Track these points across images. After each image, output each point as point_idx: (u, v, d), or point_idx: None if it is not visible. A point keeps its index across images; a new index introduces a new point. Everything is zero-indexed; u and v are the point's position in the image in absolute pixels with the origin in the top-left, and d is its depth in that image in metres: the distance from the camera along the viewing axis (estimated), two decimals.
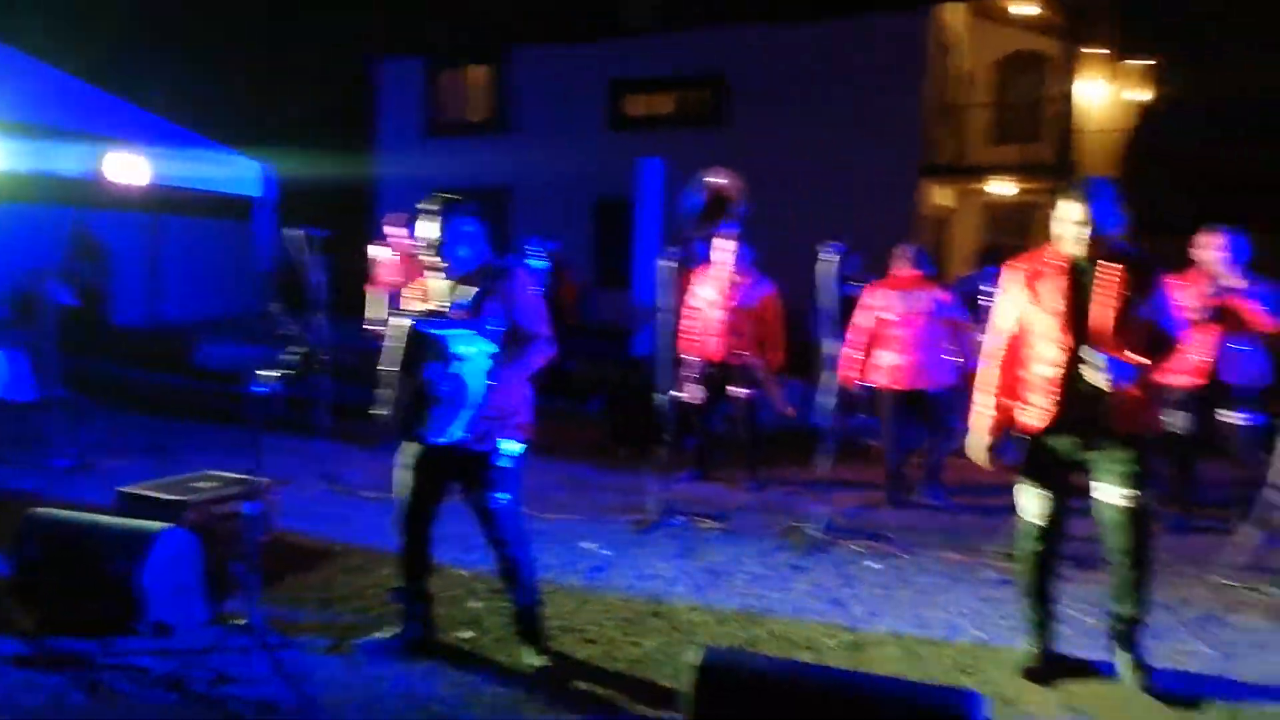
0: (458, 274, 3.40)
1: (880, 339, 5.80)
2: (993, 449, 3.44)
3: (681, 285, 6.17)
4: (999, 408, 3.40)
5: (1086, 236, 3.17)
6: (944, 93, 17.46)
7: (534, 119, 18.62)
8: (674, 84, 18.04)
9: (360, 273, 7.53)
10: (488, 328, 3.27)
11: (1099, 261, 3.17)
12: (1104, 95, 19.83)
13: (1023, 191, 18.13)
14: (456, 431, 3.25)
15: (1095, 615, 3.78)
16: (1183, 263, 5.04)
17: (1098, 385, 3.11)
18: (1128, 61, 20.14)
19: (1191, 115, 21.50)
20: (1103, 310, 3.15)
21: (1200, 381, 4.92)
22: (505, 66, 19.17)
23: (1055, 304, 3.22)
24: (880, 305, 5.82)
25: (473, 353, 3.21)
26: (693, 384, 6.08)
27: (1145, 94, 20.79)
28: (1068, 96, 17.18)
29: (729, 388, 6.14)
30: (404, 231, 7.05)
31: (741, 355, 6.11)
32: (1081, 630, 3.68)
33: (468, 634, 3.70)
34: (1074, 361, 3.16)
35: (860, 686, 2.52)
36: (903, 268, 5.93)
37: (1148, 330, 3.16)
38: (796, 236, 6.90)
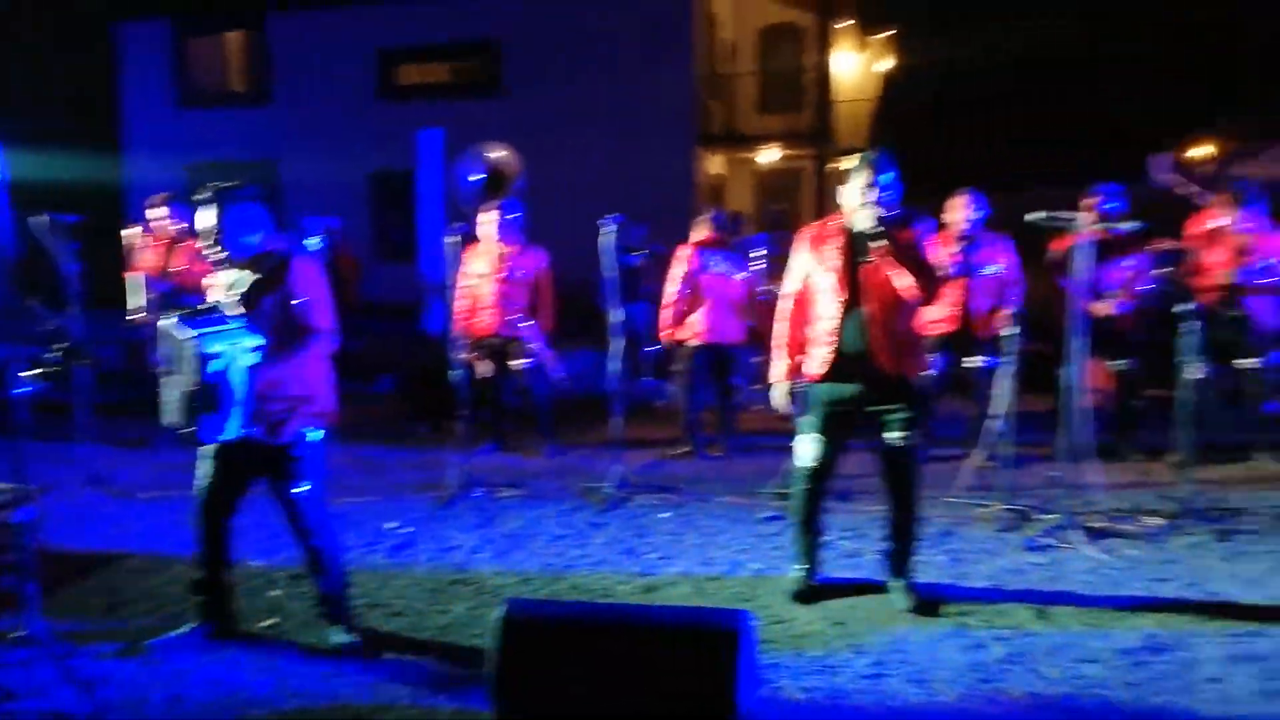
0: (239, 262, 3.34)
1: (686, 299, 6.16)
2: (790, 397, 3.81)
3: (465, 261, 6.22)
4: (792, 360, 3.76)
5: (867, 204, 3.54)
6: (713, 63, 18.22)
7: (299, 88, 17.70)
8: (447, 52, 17.70)
9: (115, 258, 7.02)
10: (257, 322, 3.23)
11: (877, 226, 3.55)
12: (854, 66, 21.34)
13: (787, 158, 19.30)
14: (233, 429, 3.21)
15: (852, 541, 4.30)
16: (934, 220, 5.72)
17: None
18: (873, 33, 21.78)
19: (926, 82, 23.61)
20: (875, 269, 3.54)
21: (951, 328, 5.60)
22: (263, 32, 18.11)
23: (834, 264, 3.60)
24: (685, 268, 6.16)
25: (235, 350, 3.16)
26: (481, 359, 6.17)
27: (888, 63, 22.56)
28: (823, 67, 18.37)
29: (510, 360, 6.28)
30: (164, 212, 6.65)
31: (517, 326, 6.24)
32: (841, 554, 4.16)
33: (270, 621, 3.67)
34: (852, 315, 3.55)
35: (648, 617, 2.80)
36: (704, 231, 6.30)
37: (921, 278, 3.57)
38: (577, 206, 7.08)
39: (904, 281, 3.51)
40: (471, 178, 6.21)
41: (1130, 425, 5.93)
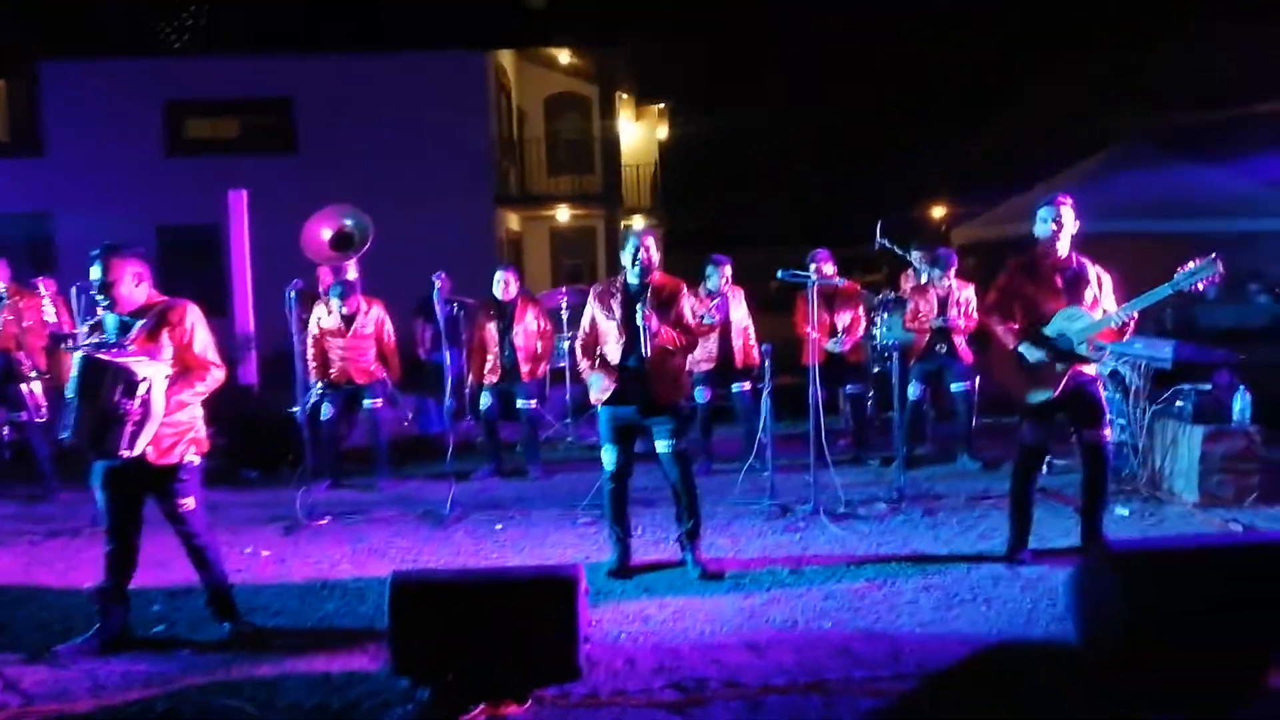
0: (126, 310, 3.90)
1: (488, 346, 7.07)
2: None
3: (302, 312, 6.80)
4: (598, 386, 4.72)
5: (636, 266, 4.60)
6: (506, 127, 19.32)
7: (77, 139, 17.08)
8: (239, 108, 17.70)
9: None
10: (162, 355, 3.84)
11: (646, 282, 4.61)
12: (634, 133, 23.14)
13: (578, 217, 20.67)
14: (142, 447, 3.78)
15: (654, 533, 5.31)
16: (698, 276, 6.96)
17: (642, 366, 4.55)
18: (648, 105, 23.73)
19: (696, 152, 25.91)
20: (648, 315, 4.58)
21: (712, 365, 6.84)
22: (34, 80, 17.37)
23: (616, 313, 4.62)
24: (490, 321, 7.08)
25: (154, 377, 3.76)
26: (327, 402, 6.77)
27: (663, 133, 24.59)
28: (609, 134, 19.90)
29: (361, 401, 6.93)
30: None
31: (370, 372, 6.91)
32: (648, 543, 5.15)
33: (159, 628, 4.18)
34: (627, 354, 4.57)
35: (505, 574, 3.67)
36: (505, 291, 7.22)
37: (677, 328, 4.66)
38: (378, 262, 7.61)
39: (664, 327, 4.59)
40: (324, 234, 6.82)
41: (865, 436, 7.39)
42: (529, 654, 3.37)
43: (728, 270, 6.99)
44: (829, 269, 6.99)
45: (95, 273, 3.85)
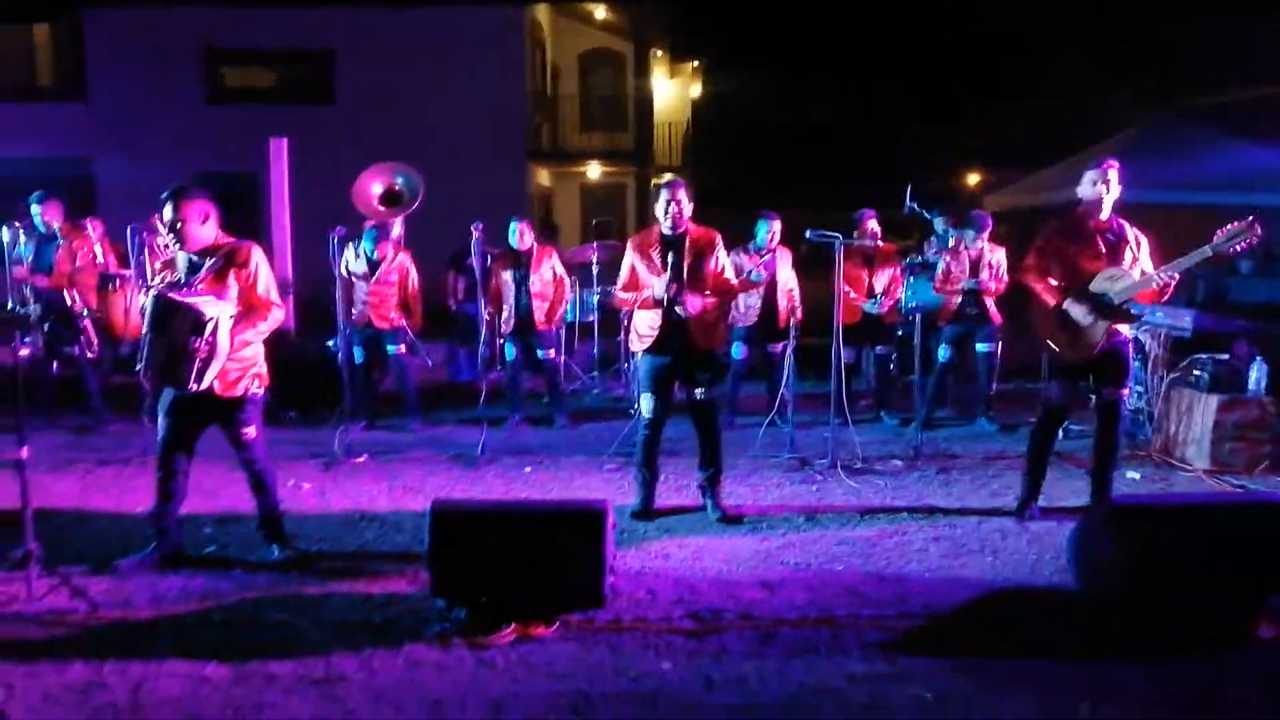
0: (195, 249, 4.14)
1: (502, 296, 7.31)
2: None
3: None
4: (639, 335, 4.91)
5: (669, 219, 4.76)
6: (540, 83, 19.36)
7: (117, 85, 17.36)
8: (279, 58, 17.90)
9: None
10: (228, 295, 4.08)
11: (683, 233, 4.78)
12: (668, 91, 23.09)
13: (609, 174, 20.75)
14: (209, 381, 4.03)
15: (678, 479, 5.52)
16: (741, 231, 7.08)
17: (684, 316, 4.73)
18: (683, 63, 23.65)
19: (729, 111, 25.80)
20: (689, 266, 4.76)
21: (753, 322, 6.99)
22: (76, 25, 17.61)
23: (656, 262, 4.79)
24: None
25: (220, 316, 4.01)
26: (359, 345, 7.02)
27: (696, 91, 24.52)
28: (642, 91, 19.92)
29: (387, 347, 7.17)
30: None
31: (390, 319, 7.13)
32: (671, 488, 5.37)
33: (211, 548, 4.47)
34: (670, 301, 4.75)
35: (539, 505, 3.90)
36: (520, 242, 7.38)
37: (717, 278, 4.83)
38: (413, 214, 7.80)
39: (697, 296, 4.76)
40: (375, 189, 7.00)
41: (887, 396, 7.55)
42: (557, 581, 3.60)
43: (777, 226, 7.03)
44: (873, 226, 7.12)
45: (166, 212, 4.08)
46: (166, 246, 4.21)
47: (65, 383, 7.78)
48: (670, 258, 4.79)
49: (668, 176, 22.25)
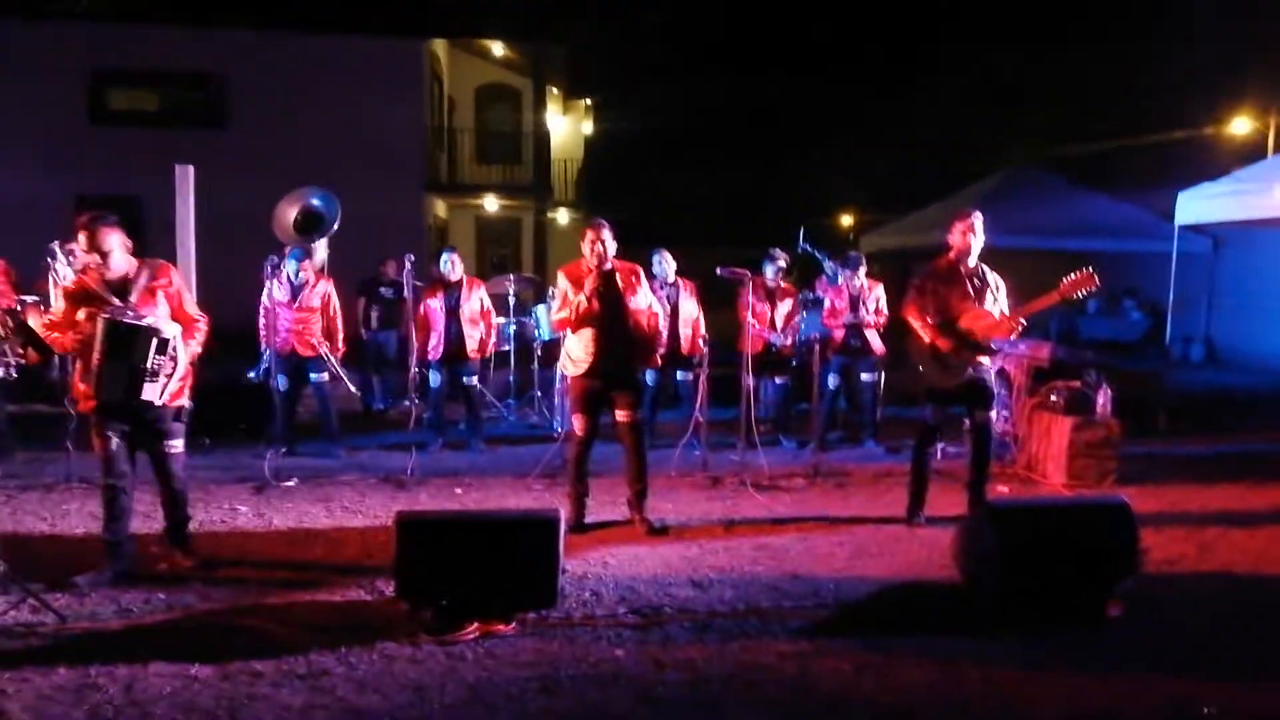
0: (118, 276, 4.32)
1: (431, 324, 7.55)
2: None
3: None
4: (571, 360, 5.31)
5: (600, 253, 5.21)
6: (437, 115, 19.58)
7: None
8: (169, 80, 17.55)
9: None
10: (161, 315, 4.30)
11: (610, 269, 5.24)
12: (564, 127, 23.64)
13: (506, 208, 21.06)
14: (169, 394, 4.25)
15: (595, 497, 5.94)
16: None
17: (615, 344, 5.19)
18: (576, 100, 24.28)
19: (621, 149, 26.60)
20: (616, 296, 5.22)
21: (660, 351, 7.49)
22: None
23: (589, 292, 5.23)
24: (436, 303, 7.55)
25: (176, 332, 4.23)
26: (280, 373, 7.16)
27: (589, 128, 25.18)
28: (539, 126, 20.38)
29: (309, 374, 7.33)
30: None
31: (314, 346, 7.30)
32: (601, 504, 5.78)
33: (162, 566, 4.62)
34: (602, 329, 5.19)
35: (494, 515, 4.26)
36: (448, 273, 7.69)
37: (640, 311, 5.31)
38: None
39: (637, 302, 5.26)
40: (290, 216, 7.18)
41: (785, 422, 8.18)
42: (515, 583, 3.97)
43: (671, 260, 7.64)
44: (779, 264, 7.84)
45: (88, 241, 4.22)
46: (83, 271, 4.36)
47: None
48: (599, 281, 5.24)
49: (562, 216, 22.81)
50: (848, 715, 3.21)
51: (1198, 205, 9.51)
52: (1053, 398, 6.96)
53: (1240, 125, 17.54)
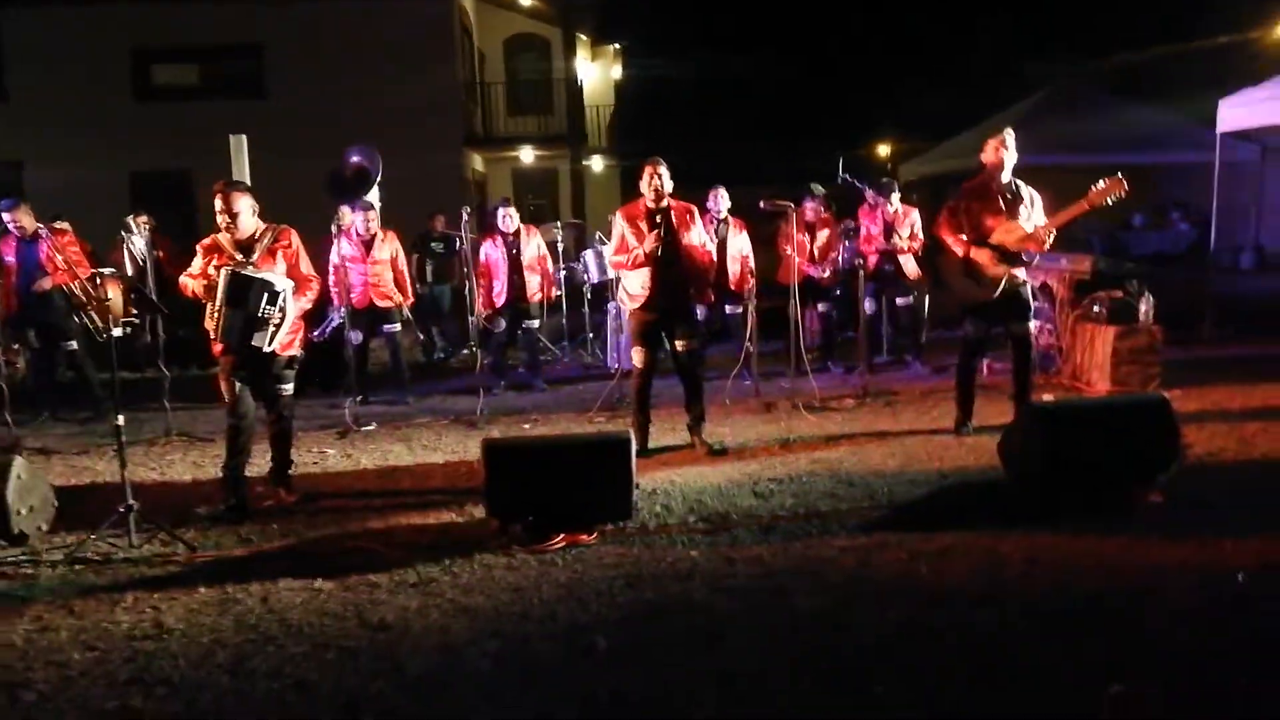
0: (244, 235, 4.73)
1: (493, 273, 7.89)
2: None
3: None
4: (629, 295, 5.62)
5: (657, 189, 5.47)
6: (469, 70, 19.75)
7: (42, 85, 17.18)
8: (207, 53, 17.92)
9: None
10: (278, 272, 4.70)
11: (666, 206, 5.51)
12: (594, 74, 23.63)
13: (542, 158, 21.25)
14: (279, 343, 4.66)
15: (656, 425, 6.28)
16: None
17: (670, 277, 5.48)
18: (604, 45, 24.21)
19: (651, 93, 26.54)
20: (672, 234, 5.50)
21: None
22: None
23: (644, 231, 5.51)
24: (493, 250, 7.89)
25: (288, 287, 4.63)
26: (354, 328, 7.56)
27: (618, 73, 25.13)
28: (570, 74, 20.45)
29: (382, 326, 7.73)
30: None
31: (390, 296, 7.68)
32: (663, 429, 6.13)
33: (269, 503, 5.06)
34: (658, 266, 5.47)
35: (577, 437, 4.64)
36: (506, 224, 8.01)
37: (696, 247, 5.59)
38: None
39: (692, 239, 5.53)
40: (338, 175, 7.53)
41: (830, 347, 8.45)
42: (593, 498, 4.34)
43: (726, 198, 7.91)
44: (820, 197, 8.07)
45: (222, 203, 4.66)
46: (222, 229, 4.77)
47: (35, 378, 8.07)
48: (658, 223, 5.51)
49: (596, 163, 22.93)
50: (904, 596, 3.53)
51: (1240, 112, 9.45)
52: (1095, 308, 7.12)
53: None
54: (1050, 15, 25.01)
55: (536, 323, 8.19)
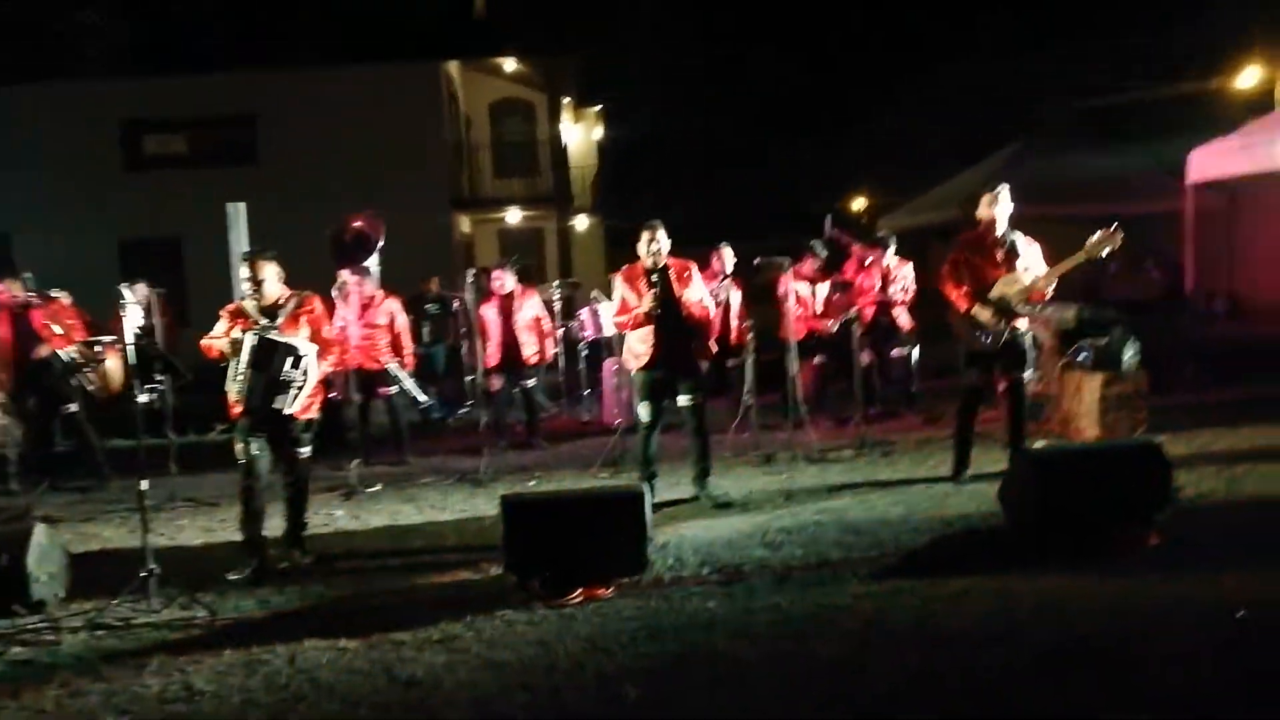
0: (270, 300, 4.87)
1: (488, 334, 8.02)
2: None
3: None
4: (634, 354, 5.77)
5: (655, 252, 5.66)
6: (455, 133, 20.14)
7: (30, 158, 17.36)
8: (200, 124, 18.21)
9: None
10: (302, 337, 4.82)
11: (665, 266, 5.69)
12: (575, 135, 24.12)
13: (528, 218, 21.59)
14: (295, 406, 4.76)
15: (669, 472, 6.38)
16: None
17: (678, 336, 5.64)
18: (586, 108, 24.76)
19: (632, 151, 27.08)
20: (671, 293, 5.67)
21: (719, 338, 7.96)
22: None
23: (643, 290, 5.67)
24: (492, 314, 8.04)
25: (311, 351, 4.75)
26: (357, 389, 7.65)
27: (599, 133, 25.66)
28: (555, 137, 20.90)
29: (377, 388, 7.82)
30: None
31: (379, 361, 7.79)
32: (668, 483, 6.23)
33: (283, 564, 5.11)
34: (660, 324, 5.63)
35: (586, 492, 4.75)
36: (501, 286, 8.17)
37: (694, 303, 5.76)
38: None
39: (690, 296, 5.71)
40: (343, 238, 7.69)
41: (823, 400, 8.61)
42: (608, 552, 4.43)
43: (729, 255, 8.09)
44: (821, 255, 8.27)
45: (244, 271, 4.80)
46: (246, 296, 4.91)
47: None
48: (655, 282, 5.69)
49: (581, 222, 23.31)
50: (921, 640, 3.63)
51: (1209, 161, 9.84)
52: (1081, 356, 7.34)
53: (1248, 78, 17.70)
54: (1019, 63, 25.76)
55: (533, 382, 8.31)
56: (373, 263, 8.15)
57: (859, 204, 32.37)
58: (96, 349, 7.88)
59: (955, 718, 3.05)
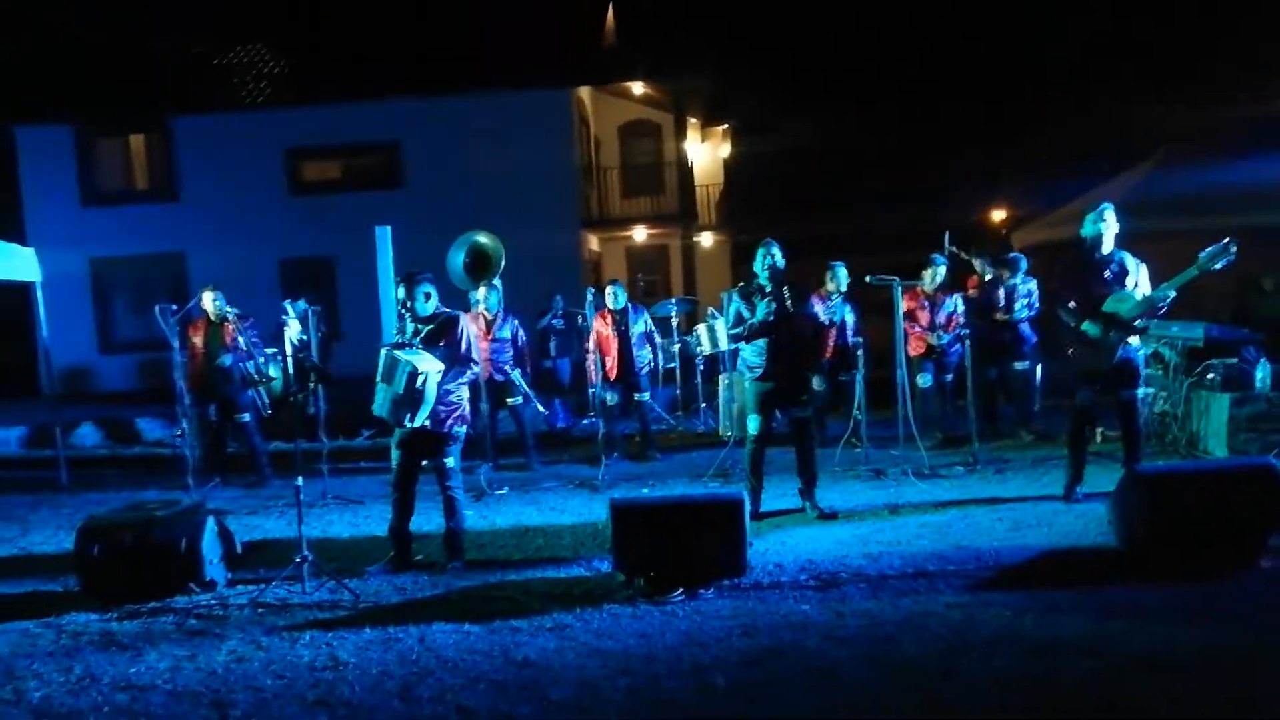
0: (420, 317, 5.38)
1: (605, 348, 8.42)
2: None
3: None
4: (749, 366, 6.04)
5: (766, 271, 5.92)
6: (586, 155, 20.86)
7: (206, 185, 19.07)
8: (350, 151, 19.57)
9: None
10: (438, 354, 5.30)
11: (778, 283, 5.94)
12: (701, 154, 24.49)
13: (654, 236, 22.10)
14: (422, 419, 5.24)
15: (779, 486, 6.59)
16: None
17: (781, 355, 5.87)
18: (713, 126, 25.10)
19: (759, 169, 27.25)
20: (784, 309, 5.90)
21: (828, 358, 8.11)
22: (167, 134, 19.45)
23: (764, 307, 5.93)
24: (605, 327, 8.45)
25: (430, 371, 5.22)
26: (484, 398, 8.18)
27: (726, 151, 25.94)
28: (681, 156, 21.33)
29: (505, 399, 8.34)
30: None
31: (501, 372, 8.29)
32: (775, 495, 6.45)
33: (419, 556, 5.61)
34: (774, 339, 5.87)
35: (690, 498, 5.04)
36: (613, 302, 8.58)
37: (810, 323, 5.98)
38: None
39: (800, 318, 5.93)
40: (459, 260, 8.24)
41: (942, 417, 8.61)
42: (710, 555, 4.71)
43: (843, 273, 8.29)
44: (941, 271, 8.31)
45: (400, 292, 5.33)
46: (401, 315, 5.45)
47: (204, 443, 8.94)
48: (769, 298, 5.93)
49: (706, 238, 23.65)
50: (1007, 647, 3.75)
51: None
52: (1210, 375, 7.13)
53: None
54: (1164, 69, 24.58)
55: (648, 394, 8.65)
56: (497, 281, 8.68)
57: (998, 216, 31.48)
58: (268, 365, 8.69)
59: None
